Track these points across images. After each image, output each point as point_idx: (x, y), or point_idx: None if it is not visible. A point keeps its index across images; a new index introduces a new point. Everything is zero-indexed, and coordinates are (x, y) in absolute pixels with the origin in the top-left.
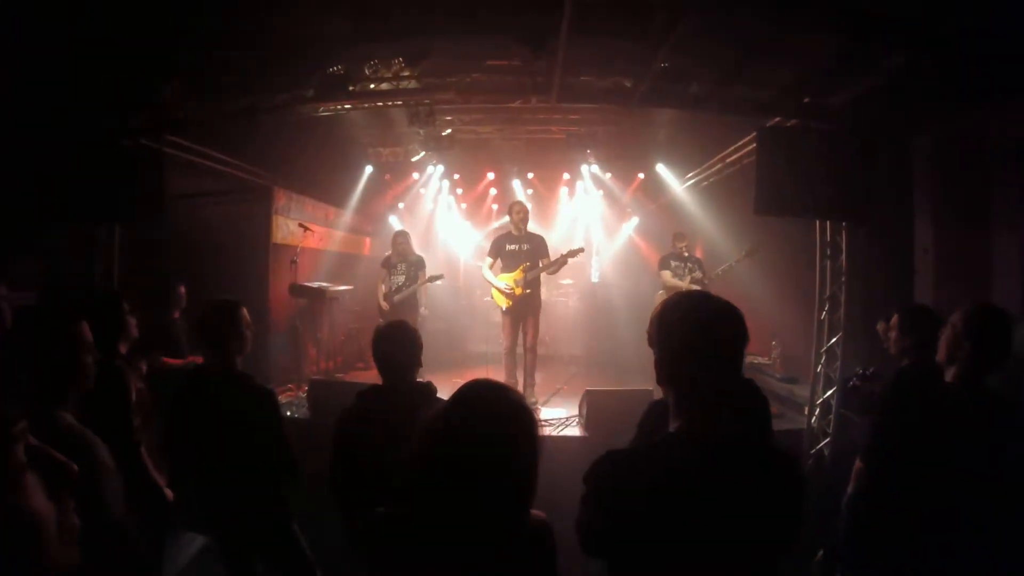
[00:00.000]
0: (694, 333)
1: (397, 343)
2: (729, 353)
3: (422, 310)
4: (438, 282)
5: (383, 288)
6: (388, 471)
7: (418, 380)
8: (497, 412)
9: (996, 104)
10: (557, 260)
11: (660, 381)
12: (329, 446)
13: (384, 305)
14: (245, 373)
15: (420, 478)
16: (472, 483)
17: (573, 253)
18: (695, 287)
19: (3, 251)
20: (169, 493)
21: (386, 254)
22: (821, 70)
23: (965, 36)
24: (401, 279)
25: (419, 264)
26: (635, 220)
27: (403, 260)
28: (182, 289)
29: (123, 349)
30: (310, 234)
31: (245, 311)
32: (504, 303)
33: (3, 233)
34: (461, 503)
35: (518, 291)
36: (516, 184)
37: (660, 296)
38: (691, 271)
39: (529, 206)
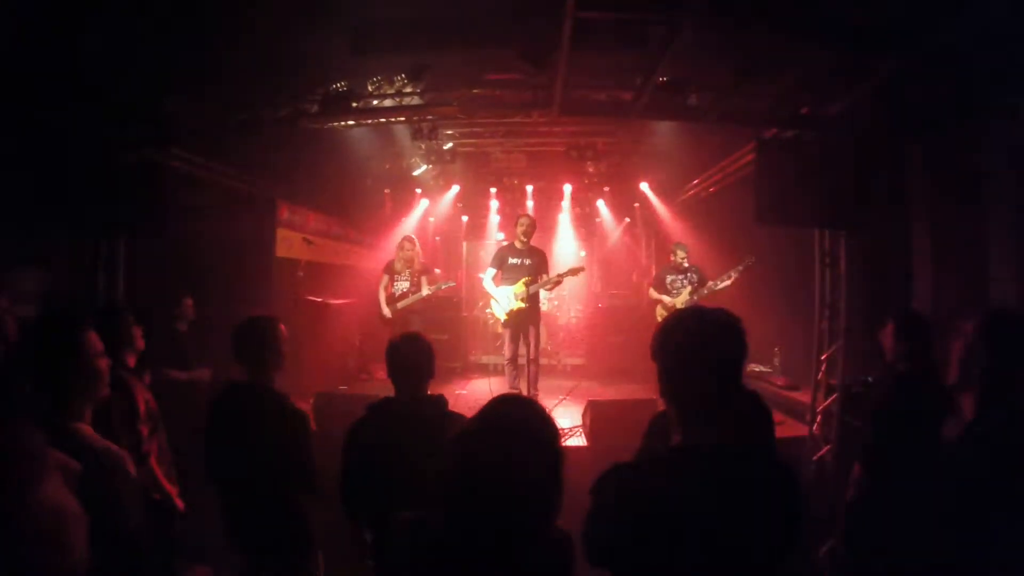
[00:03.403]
0: (694, 348)
1: (412, 355)
2: (729, 367)
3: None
4: (445, 285)
5: (383, 294)
6: (401, 482)
7: (429, 393)
8: (528, 426)
9: (989, 106)
10: (556, 278)
11: (663, 395)
12: (339, 457)
13: (386, 312)
14: (281, 393)
15: (451, 488)
16: (504, 495)
17: (573, 271)
18: (690, 302)
19: (5, 264)
20: (180, 503)
21: (389, 259)
22: (816, 80)
23: (957, 43)
24: (405, 285)
25: (423, 270)
26: (635, 229)
27: (408, 266)
28: (188, 301)
29: (131, 361)
30: (313, 247)
31: (283, 327)
32: (504, 316)
33: (5, 246)
34: (492, 513)
35: (517, 304)
36: (519, 196)
37: (661, 313)
38: (691, 280)
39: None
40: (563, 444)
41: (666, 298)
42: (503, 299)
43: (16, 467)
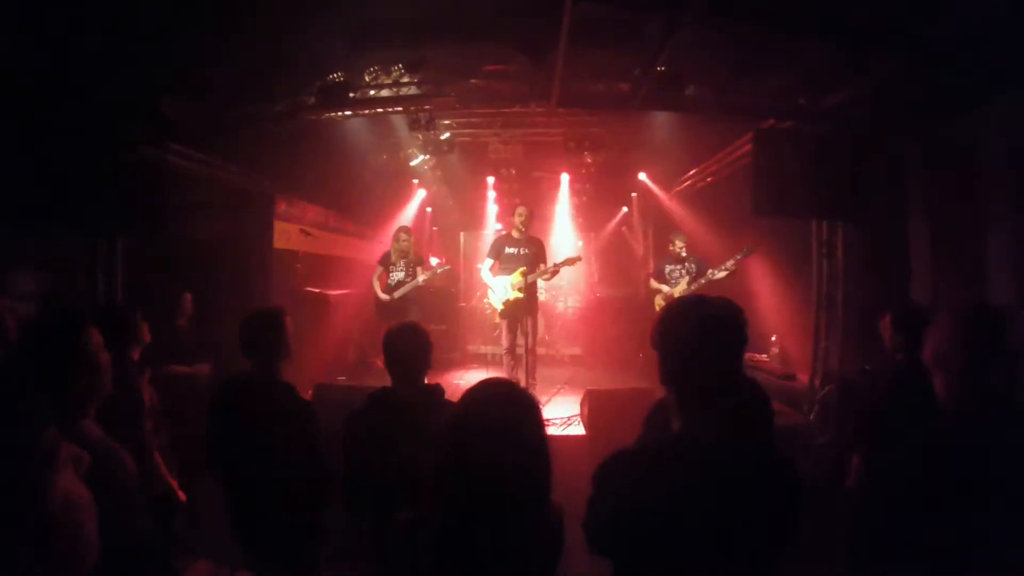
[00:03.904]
0: (695, 335)
1: (409, 345)
2: (729, 354)
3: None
4: (441, 270)
5: (378, 284)
6: (399, 471)
7: (426, 382)
8: (510, 407)
9: (986, 104)
10: (553, 267)
11: (663, 383)
12: (338, 448)
13: (384, 297)
14: (289, 384)
15: (446, 480)
16: (499, 478)
17: (570, 261)
18: (688, 291)
19: (4, 263)
20: (182, 495)
21: (385, 251)
22: (814, 73)
23: (956, 40)
24: (400, 275)
25: (418, 261)
26: (634, 220)
27: (403, 257)
28: (188, 297)
29: (135, 356)
30: (311, 239)
31: (289, 319)
32: (500, 305)
33: (4, 245)
34: (491, 499)
35: (515, 294)
36: (516, 187)
37: (660, 303)
38: (689, 270)
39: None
40: (544, 422)
41: (665, 288)
42: (500, 289)
43: (33, 462)
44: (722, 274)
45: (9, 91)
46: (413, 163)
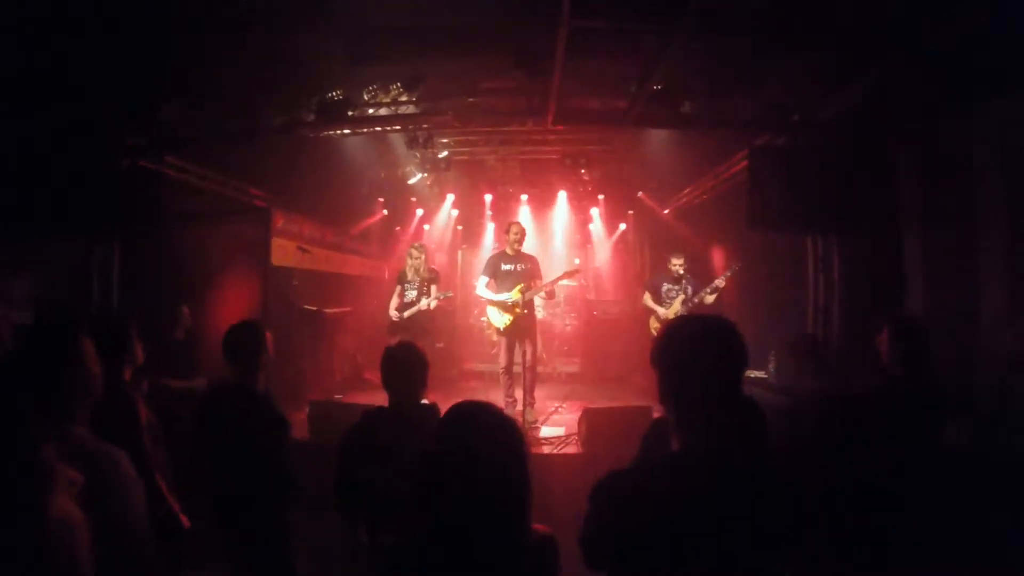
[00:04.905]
0: (695, 354)
1: (405, 364)
2: (729, 372)
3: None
4: (443, 296)
5: (395, 301)
6: (392, 489)
7: (423, 402)
8: (485, 429)
9: (978, 110)
10: (554, 280)
11: (663, 400)
12: (333, 464)
13: (395, 315)
14: (266, 394)
15: (425, 503)
16: (473, 500)
17: (569, 274)
18: (682, 312)
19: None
20: (186, 520)
21: (401, 269)
22: (808, 86)
23: (945, 43)
24: (414, 293)
25: (432, 279)
26: (630, 236)
27: (416, 275)
28: (185, 309)
29: (127, 374)
30: (309, 256)
31: (269, 333)
32: (501, 324)
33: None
34: (466, 521)
35: (515, 311)
36: (513, 204)
37: (655, 325)
38: (684, 291)
39: (527, 226)
40: (523, 438)
41: (660, 309)
42: (499, 307)
43: (30, 481)
44: (712, 296)
45: (6, 94)
46: (411, 181)
